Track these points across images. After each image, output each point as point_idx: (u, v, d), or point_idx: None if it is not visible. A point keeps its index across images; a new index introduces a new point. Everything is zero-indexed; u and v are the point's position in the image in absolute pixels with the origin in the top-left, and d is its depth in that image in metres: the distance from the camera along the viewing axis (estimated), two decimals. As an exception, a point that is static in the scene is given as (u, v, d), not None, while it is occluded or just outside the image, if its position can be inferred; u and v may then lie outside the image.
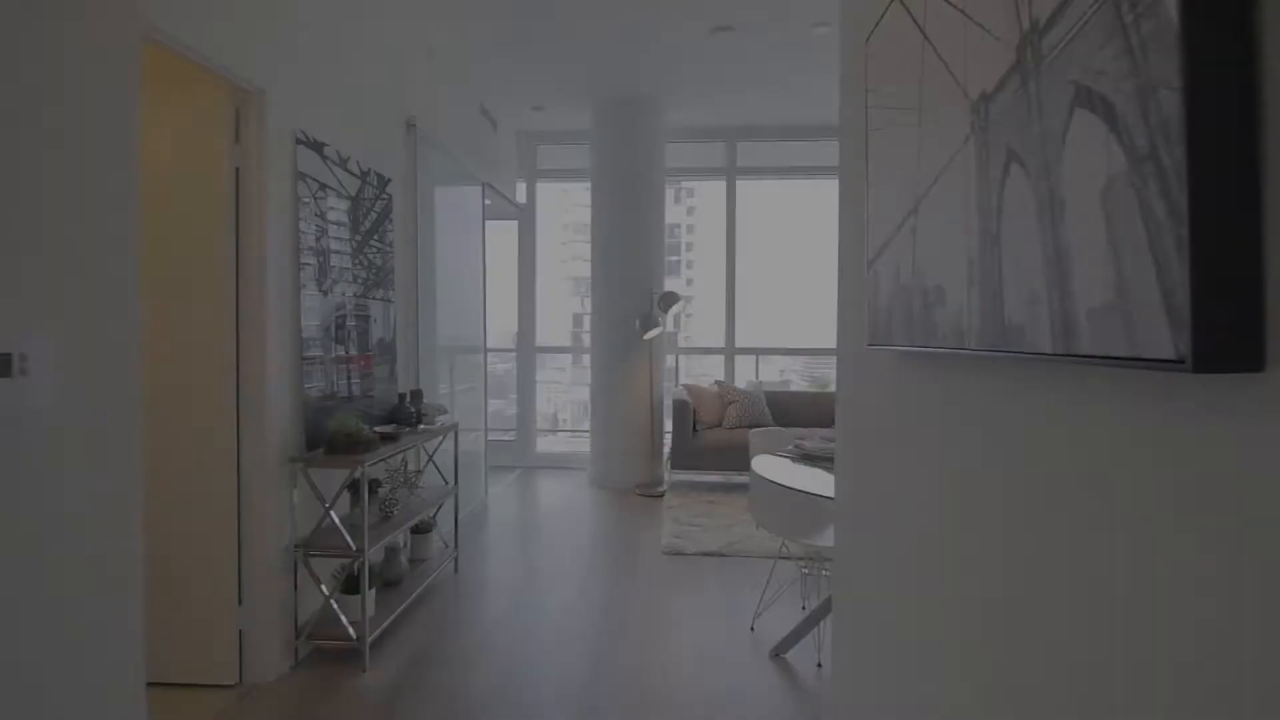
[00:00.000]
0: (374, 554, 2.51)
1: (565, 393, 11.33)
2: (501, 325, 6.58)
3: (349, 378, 2.86)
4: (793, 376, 8.35)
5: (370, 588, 2.59)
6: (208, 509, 2.29)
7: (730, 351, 6.04)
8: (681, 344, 6.48)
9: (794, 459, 2.73)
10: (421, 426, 3.18)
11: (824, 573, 2.99)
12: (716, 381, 5.58)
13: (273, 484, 2.36)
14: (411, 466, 3.46)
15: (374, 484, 2.70)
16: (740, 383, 5.82)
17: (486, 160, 4.90)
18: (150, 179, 2.39)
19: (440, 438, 3.39)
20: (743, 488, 5.18)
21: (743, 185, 6.00)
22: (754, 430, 2.97)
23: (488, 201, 5.43)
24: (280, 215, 2.41)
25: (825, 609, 2.53)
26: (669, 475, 5.55)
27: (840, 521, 1.58)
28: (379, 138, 3.23)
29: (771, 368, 7.05)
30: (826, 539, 2.66)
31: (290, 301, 2.46)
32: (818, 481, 2.42)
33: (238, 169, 2.32)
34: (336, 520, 2.42)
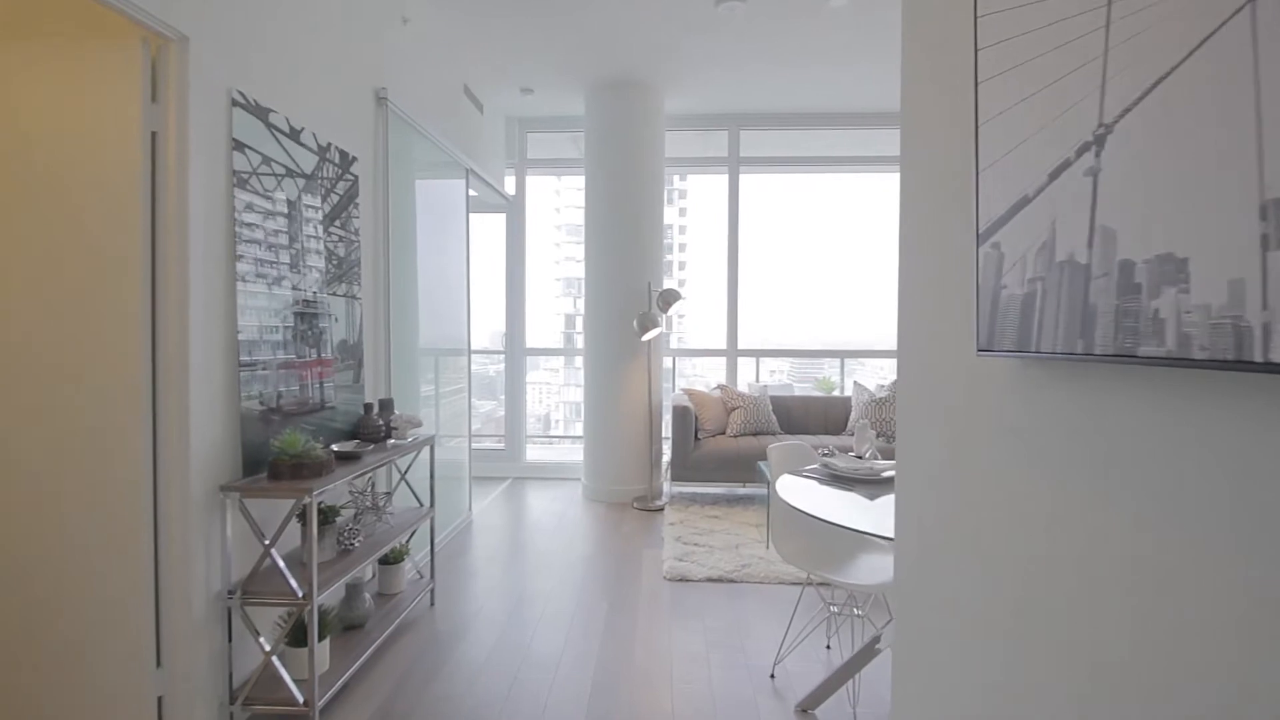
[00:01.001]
0: (331, 594, 2.10)
1: (557, 394, 10.96)
2: (488, 326, 6.17)
3: (302, 386, 2.45)
4: (784, 378, 7.94)
5: (324, 637, 2.18)
6: (117, 552, 1.87)
7: (732, 353, 5.64)
8: (674, 346, 6.07)
9: (822, 480, 2.34)
10: (392, 441, 2.77)
11: (856, 613, 2.59)
12: (719, 385, 5.18)
13: (199, 518, 1.94)
14: (381, 487, 3.04)
15: (330, 512, 2.29)
16: (741, 386, 5.43)
17: (471, 146, 4.49)
18: (35, 146, 1.99)
19: (414, 453, 2.98)
20: (748, 500, 4.79)
21: (744, 178, 5.60)
22: (773, 445, 2.57)
23: (473, 193, 5.02)
24: (210, 192, 2.00)
25: (864, 658, 2.14)
26: (669, 487, 5.15)
27: (909, 565, 1.18)
28: (342, 109, 2.81)
29: (760, 369, 6.70)
30: (861, 576, 2.27)
31: (223, 297, 2.05)
32: (858, 511, 2.03)
33: (154, 134, 1.90)
34: (279, 560, 2.00)
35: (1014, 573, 0.90)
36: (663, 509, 4.64)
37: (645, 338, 4.60)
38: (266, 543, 2.00)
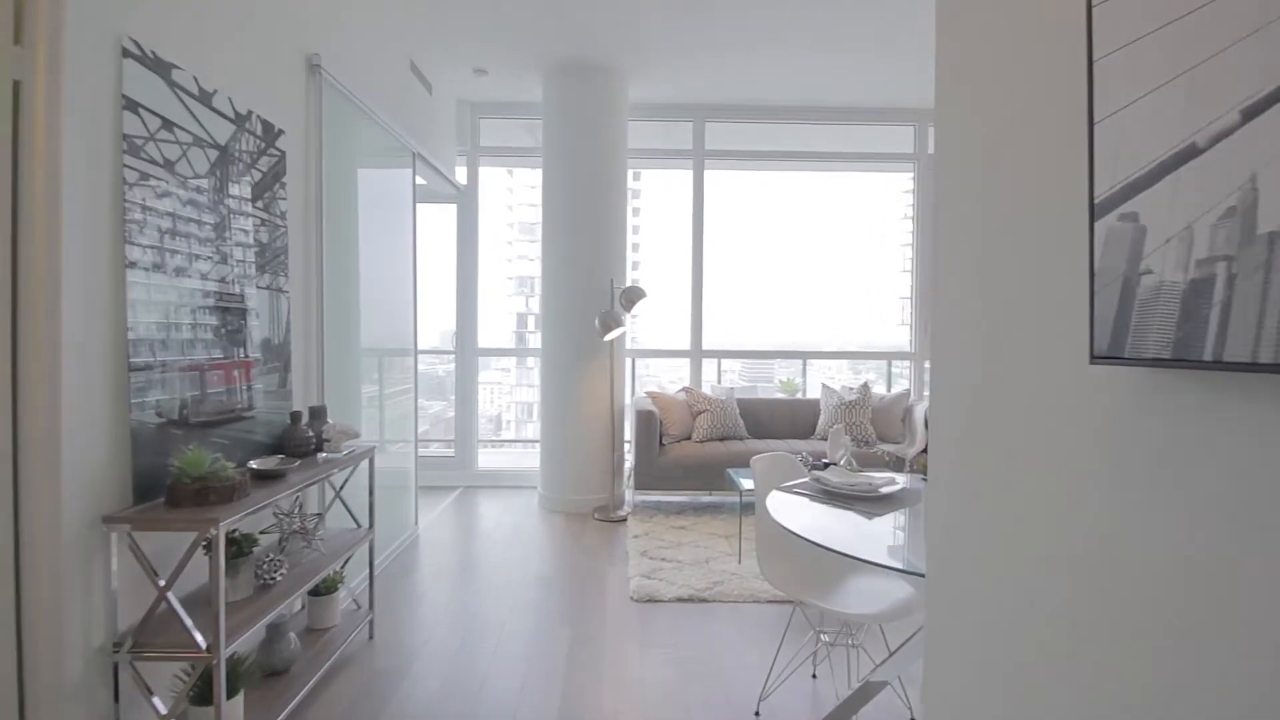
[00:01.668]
0: (246, 640, 1.76)
1: (508, 394, 10.62)
2: (437, 324, 5.79)
3: (214, 393, 2.09)
4: (735, 379, 7.76)
5: (236, 692, 1.84)
6: (-39, 601, 1.50)
7: (696, 354, 5.42)
8: (629, 347, 5.82)
9: (813, 496, 2.12)
10: (323, 455, 2.43)
11: (851, 643, 2.38)
12: (684, 388, 4.95)
13: (74, 557, 1.58)
14: (312, 507, 2.69)
15: (246, 542, 1.95)
16: (704, 388, 5.22)
17: (419, 128, 4.14)
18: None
19: (351, 468, 2.64)
20: (715, 509, 4.57)
21: (704, 174, 5.38)
22: (758, 457, 2.34)
23: (421, 181, 4.66)
24: (91, 157, 1.64)
25: (864, 697, 1.92)
26: (631, 496, 4.89)
27: (944, 605, 0.95)
28: (267, 73, 2.45)
29: (719, 371, 6.52)
30: (856, 603, 2.05)
31: (109, 287, 1.69)
32: (859, 535, 1.80)
33: (16, 83, 1.54)
34: (176, 604, 1.66)
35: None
36: (625, 519, 4.38)
37: (608, 338, 4.33)
38: (162, 584, 1.65)
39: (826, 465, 3.86)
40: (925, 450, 4.49)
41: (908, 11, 3.76)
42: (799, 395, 6.27)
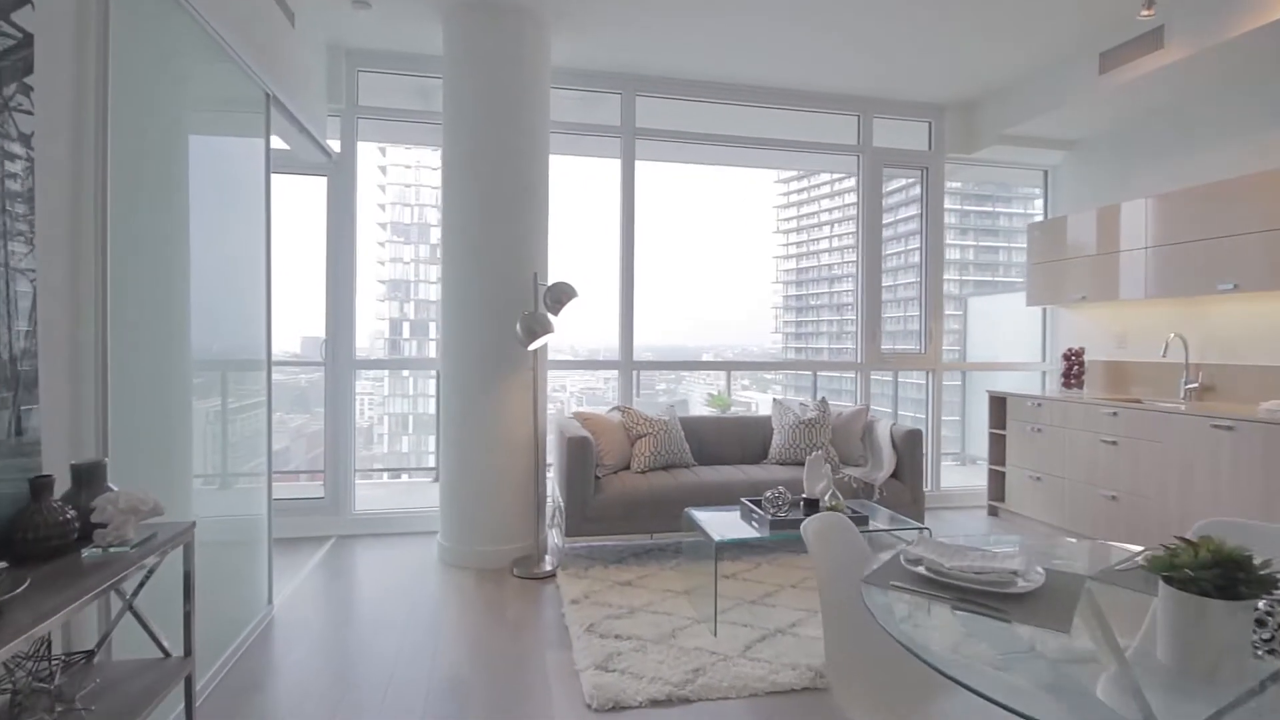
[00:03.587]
0: None
1: (380, 405, 9.49)
2: (297, 328, 4.61)
3: None
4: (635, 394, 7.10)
5: None
6: None
7: (627, 366, 4.64)
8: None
9: (918, 589, 1.39)
10: (90, 552, 1.40)
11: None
12: (618, 407, 4.15)
13: None
14: (85, 634, 1.63)
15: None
16: (631, 405, 4.45)
17: (275, 68, 3.06)
18: None
19: (153, 563, 1.61)
20: (659, 553, 3.80)
21: (615, 164, 4.60)
22: (812, 521, 1.58)
23: (283, 145, 3.57)
24: None
25: None
26: (554, 540, 4.01)
27: None
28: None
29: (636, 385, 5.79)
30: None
31: None
32: (1022, 664, 1.09)
33: None
34: None
35: None
36: (554, 575, 3.49)
37: (532, 346, 3.43)
38: None
39: (805, 502, 3.22)
40: (896, 474, 3.97)
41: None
42: (734, 412, 5.66)
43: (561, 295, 3.57)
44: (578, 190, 4.54)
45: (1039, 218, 5.38)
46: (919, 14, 3.65)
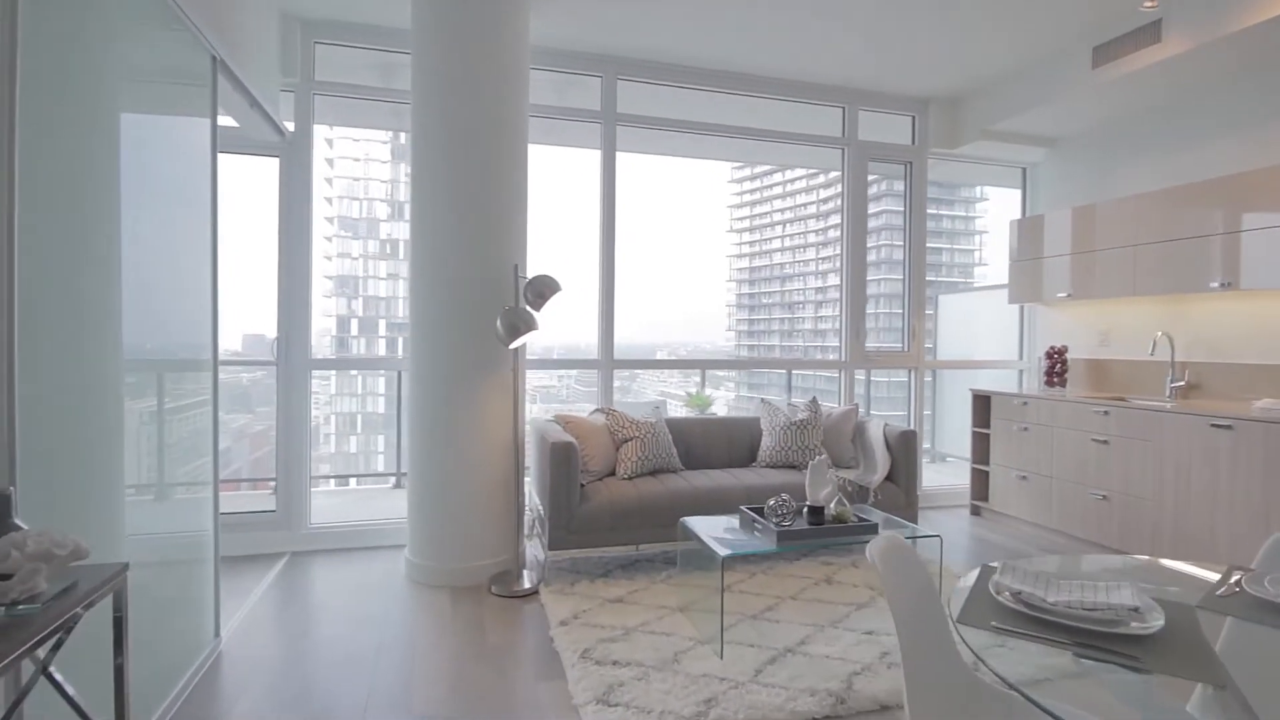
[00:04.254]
0: None
1: (328, 404, 9.11)
2: (247, 323, 4.22)
3: None
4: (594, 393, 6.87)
5: None
6: None
7: (607, 365, 4.39)
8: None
9: (1029, 632, 1.19)
10: (-8, 611, 1.08)
11: None
12: (600, 409, 3.90)
13: None
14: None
15: None
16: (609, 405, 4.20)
17: (224, 29, 2.69)
18: None
19: (71, 619, 1.29)
20: (648, 565, 3.56)
21: (590, 154, 4.35)
22: (877, 543, 1.37)
23: (230, 122, 3.20)
24: None
25: None
26: (533, 552, 3.74)
27: None
28: None
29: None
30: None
31: None
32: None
33: None
34: None
35: None
36: (536, 592, 3.22)
37: (514, 344, 3.15)
38: None
39: (810, 509, 3.03)
40: (890, 476, 3.83)
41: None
42: (711, 412, 5.47)
43: (544, 289, 3.30)
44: (552, 183, 4.27)
45: (980, 220, 5.36)
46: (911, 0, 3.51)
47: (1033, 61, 4.23)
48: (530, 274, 3.43)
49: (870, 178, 4.89)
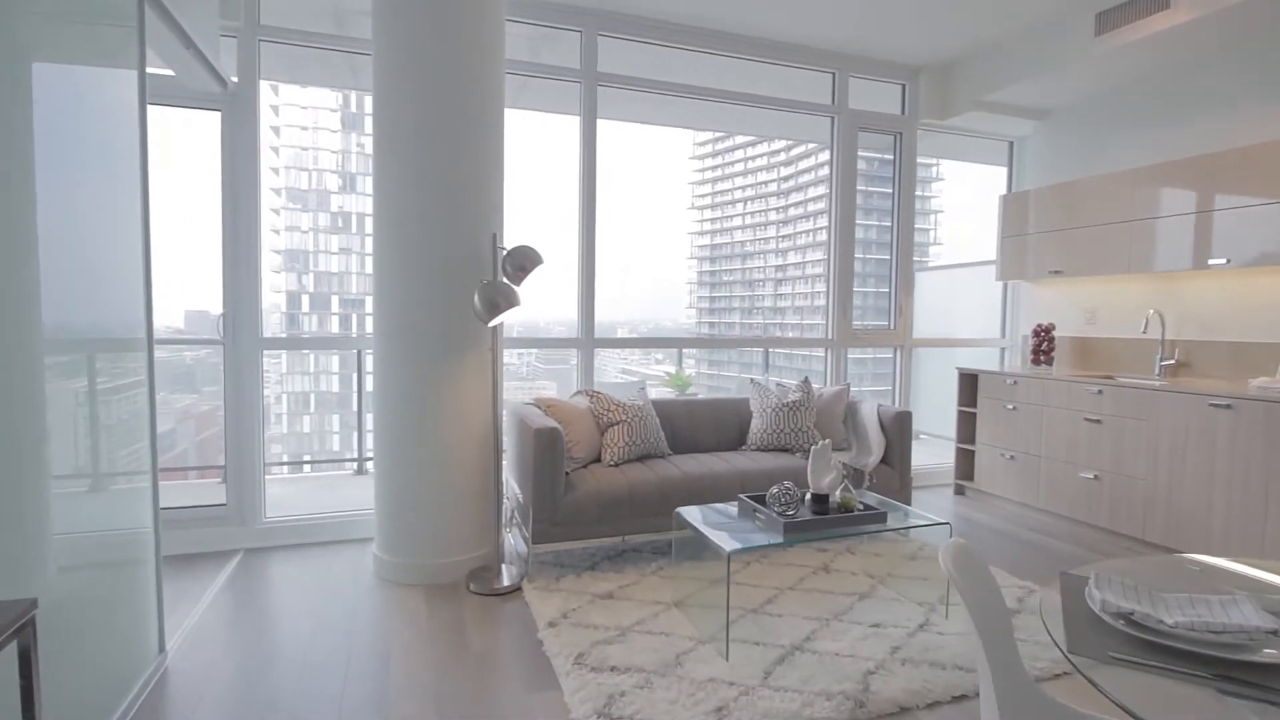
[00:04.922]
0: None
1: (279, 384, 8.74)
2: (186, 298, 3.83)
3: None
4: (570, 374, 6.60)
5: None
6: None
7: (587, 344, 4.13)
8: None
9: (1158, 664, 1.01)
10: None
11: None
12: (583, 390, 3.65)
13: None
14: None
15: None
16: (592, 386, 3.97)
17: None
18: None
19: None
20: (637, 556, 3.36)
21: (556, 119, 4.05)
22: (948, 550, 1.18)
23: (170, 73, 2.81)
24: None
25: None
26: (513, 544, 3.50)
27: None
28: None
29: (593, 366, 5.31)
30: None
31: None
32: None
33: None
34: None
35: None
36: (519, 589, 2.99)
37: (493, 322, 2.87)
38: None
39: (814, 497, 2.86)
40: (885, 459, 3.70)
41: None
42: (691, 392, 5.29)
43: (525, 261, 3.01)
44: (524, 150, 3.95)
45: (936, 200, 5.26)
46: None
47: (1032, 25, 4.06)
48: (509, 245, 3.14)
49: (819, 159, 4.69)
